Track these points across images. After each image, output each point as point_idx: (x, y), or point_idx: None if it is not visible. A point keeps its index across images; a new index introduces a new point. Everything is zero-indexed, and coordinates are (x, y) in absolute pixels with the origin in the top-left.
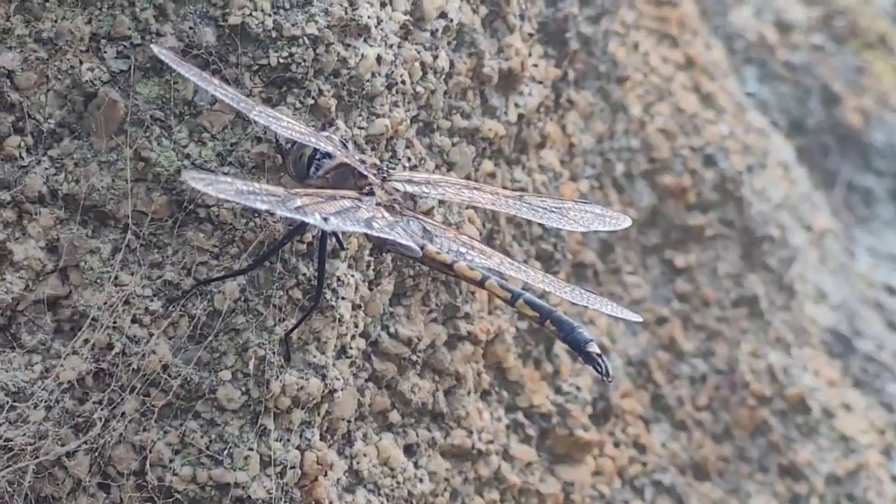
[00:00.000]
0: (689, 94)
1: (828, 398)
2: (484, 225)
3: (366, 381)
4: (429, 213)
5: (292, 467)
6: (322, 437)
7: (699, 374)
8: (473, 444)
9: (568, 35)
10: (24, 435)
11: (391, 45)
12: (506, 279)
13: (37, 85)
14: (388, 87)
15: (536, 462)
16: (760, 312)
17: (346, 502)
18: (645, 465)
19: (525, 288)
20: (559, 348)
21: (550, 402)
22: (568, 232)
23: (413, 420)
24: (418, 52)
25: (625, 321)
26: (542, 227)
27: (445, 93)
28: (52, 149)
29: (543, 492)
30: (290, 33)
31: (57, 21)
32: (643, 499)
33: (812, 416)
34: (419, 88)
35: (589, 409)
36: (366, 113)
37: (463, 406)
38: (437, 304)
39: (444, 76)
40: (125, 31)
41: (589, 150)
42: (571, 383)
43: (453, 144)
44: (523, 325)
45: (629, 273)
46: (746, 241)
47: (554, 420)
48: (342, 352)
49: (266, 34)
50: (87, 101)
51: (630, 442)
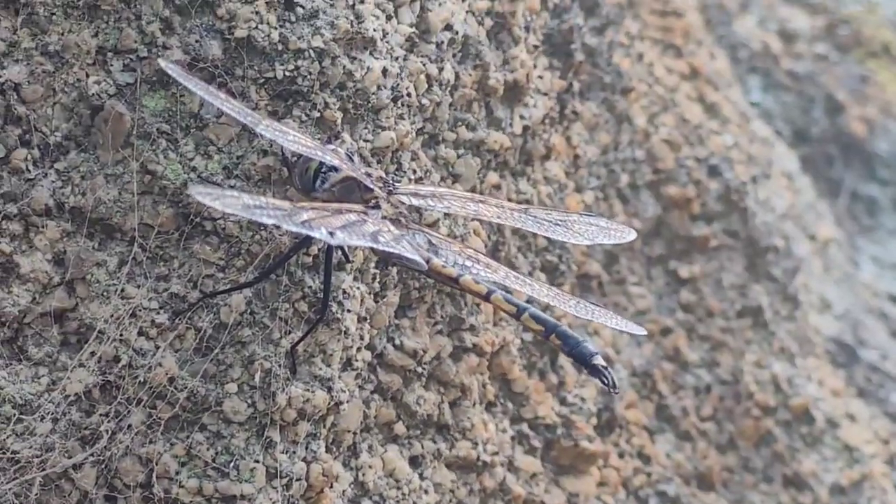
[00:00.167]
0: (693, 104)
1: (832, 408)
2: (489, 237)
3: (371, 392)
4: (434, 225)
5: (298, 479)
6: (328, 449)
7: (703, 384)
8: (478, 456)
9: (573, 46)
10: (30, 447)
11: (397, 58)
12: (511, 292)
13: (43, 98)
14: (394, 99)
15: (541, 473)
16: (764, 322)
17: None
18: (649, 475)
19: (530, 301)
20: (564, 359)
21: (555, 414)
22: (573, 244)
23: (418, 432)
24: (424, 65)
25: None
26: (547, 238)
27: (451, 105)
28: (59, 162)
29: (548, 503)
30: (296, 46)
31: (63, 34)
32: None
33: (816, 426)
34: (425, 101)
35: (594, 420)
36: (371, 125)
37: (468, 418)
38: (442, 316)
39: (449, 88)
40: (131, 44)
41: (594, 162)
42: (576, 394)
43: (459, 156)
44: (528, 336)
45: (634, 284)
46: (751, 252)
47: (559, 431)
48: (348, 364)
49: (272, 47)
50: (94, 114)
51: (635, 453)
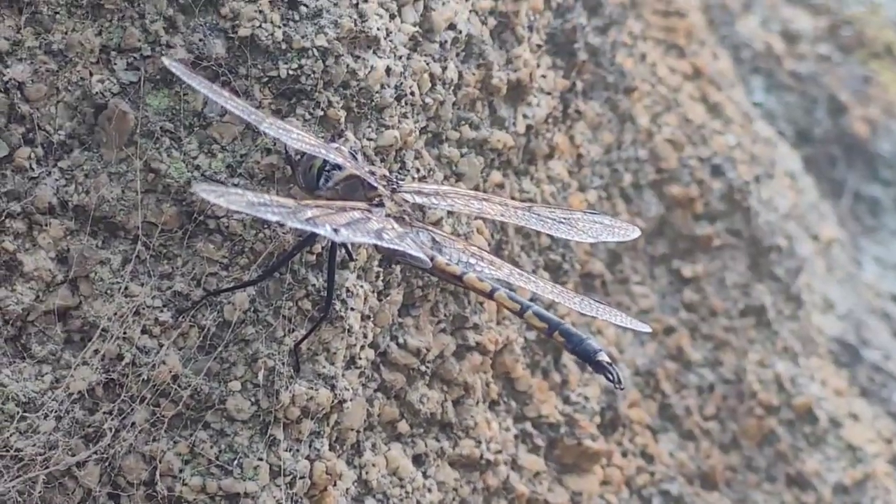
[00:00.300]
0: (696, 104)
1: (835, 408)
2: (493, 236)
3: (375, 391)
4: (438, 223)
5: (301, 477)
6: (331, 448)
7: (707, 383)
8: (482, 454)
9: (576, 46)
10: (34, 445)
11: (400, 57)
12: (515, 290)
13: (47, 97)
14: (398, 98)
15: (545, 472)
16: (768, 322)
17: None
18: (653, 474)
19: (533, 299)
20: (567, 358)
21: (559, 412)
22: (576, 242)
23: (422, 430)
24: (427, 64)
25: (633, 331)
26: (551, 237)
27: (454, 104)
28: (63, 160)
29: (552, 502)
30: (300, 45)
31: (67, 33)
32: None
33: (819, 425)
34: (428, 100)
35: (597, 419)
36: (375, 124)
37: (471, 416)
38: (445, 315)
39: (452, 87)
40: (135, 42)
41: (597, 161)
42: (580, 393)
43: (462, 155)
44: (532, 335)
45: (637, 283)
46: (754, 251)
47: (562, 430)
48: (351, 362)
49: (276, 46)
50: (98, 113)
51: (638, 452)
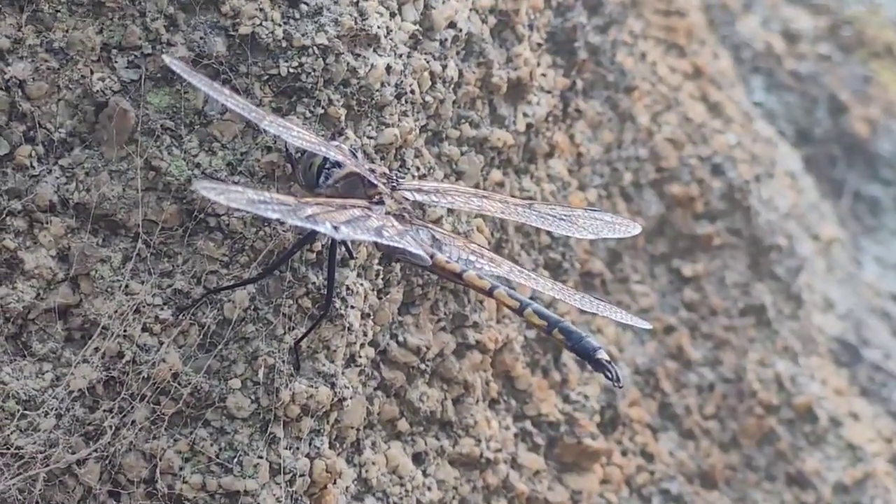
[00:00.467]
0: (696, 103)
1: (835, 407)
2: (492, 234)
3: (375, 389)
4: (438, 221)
5: (301, 475)
6: (331, 446)
7: (707, 382)
8: (482, 453)
9: (576, 45)
10: (34, 443)
11: (400, 55)
12: (514, 288)
13: (48, 94)
14: (398, 96)
15: (544, 470)
16: (768, 321)
17: None
18: (652, 473)
19: (533, 297)
20: (567, 357)
21: (558, 411)
22: (576, 241)
23: (421, 428)
24: (427, 62)
25: (633, 330)
26: (551, 236)
27: (454, 102)
28: (63, 158)
29: (551, 500)
30: (300, 43)
31: (68, 31)
32: None
33: (819, 424)
34: (428, 98)
35: (597, 418)
36: (375, 122)
37: (471, 414)
38: (445, 313)
39: (452, 86)
40: (136, 40)
41: (597, 160)
42: (579, 392)
43: (462, 154)
44: (531, 333)
45: (637, 282)
46: (754, 251)
47: (562, 429)
48: (351, 360)
49: (276, 44)
50: (98, 111)
51: (638, 450)
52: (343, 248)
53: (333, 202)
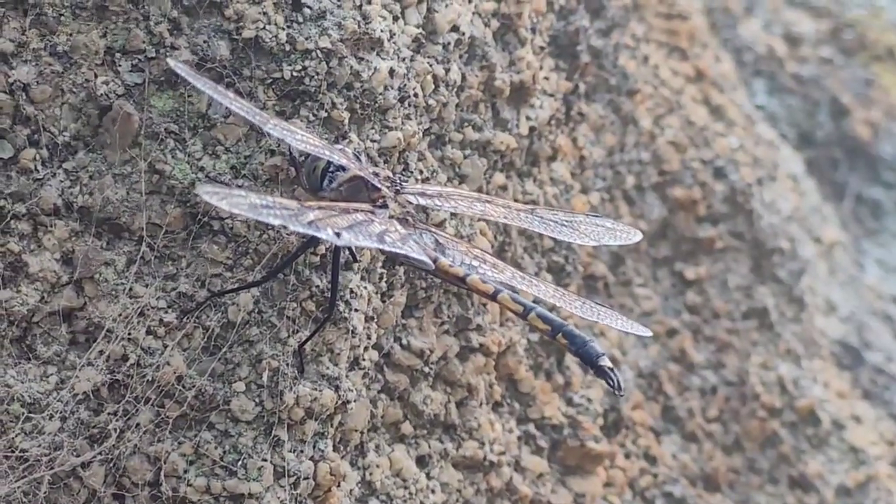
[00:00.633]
0: (698, 106)
1: (837, 410)
2: (495, 237)
3: (378, 392)
4: (441, 225)
5: (306, 478)
6: (335, 448)
7: (709, 385)
8: (485, 456)
9: (579, 48)
10: (39, 446)
11: (404, 59)
12: (518, 292)
13: (52, 98)
14: (401, 100)
15: (548, 473)
16: (770, 324)
17: None
18: (656, 476)
19: (536, 301)
20: (570, 360)
21: (562, 414)
22: (579, 245)
23: (425, 431)
24: (430, 66)
25: (635, 333)
26: (554, 239)
27: (457, 105)
28: (67, 161)
29: (555, 503)
30: (304, 47)
31: (72, 35)
32: None
33: (822, 427)
34: (431, 101)
35: (600, 421)
36: (378, 126)
37: (475, 417)
38: (449, 316)
39: (455, 89)
40: (140, 44)
41: (599, 163)
42: (583, 395)
43: (465, 157)
44: (535, 336)
45: (640, 285)
46: (756, 254)
47: (565, 431)
48: (355, 363)
49: (279, 48)
50: (102, 115)
51: (641, 453)
52: (347, 252)
53: (336, 206)
